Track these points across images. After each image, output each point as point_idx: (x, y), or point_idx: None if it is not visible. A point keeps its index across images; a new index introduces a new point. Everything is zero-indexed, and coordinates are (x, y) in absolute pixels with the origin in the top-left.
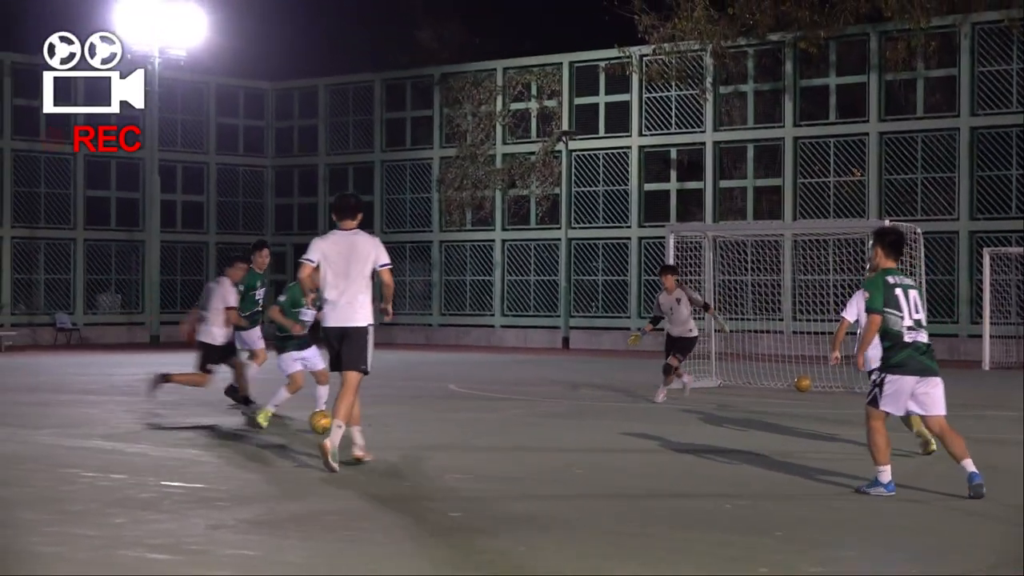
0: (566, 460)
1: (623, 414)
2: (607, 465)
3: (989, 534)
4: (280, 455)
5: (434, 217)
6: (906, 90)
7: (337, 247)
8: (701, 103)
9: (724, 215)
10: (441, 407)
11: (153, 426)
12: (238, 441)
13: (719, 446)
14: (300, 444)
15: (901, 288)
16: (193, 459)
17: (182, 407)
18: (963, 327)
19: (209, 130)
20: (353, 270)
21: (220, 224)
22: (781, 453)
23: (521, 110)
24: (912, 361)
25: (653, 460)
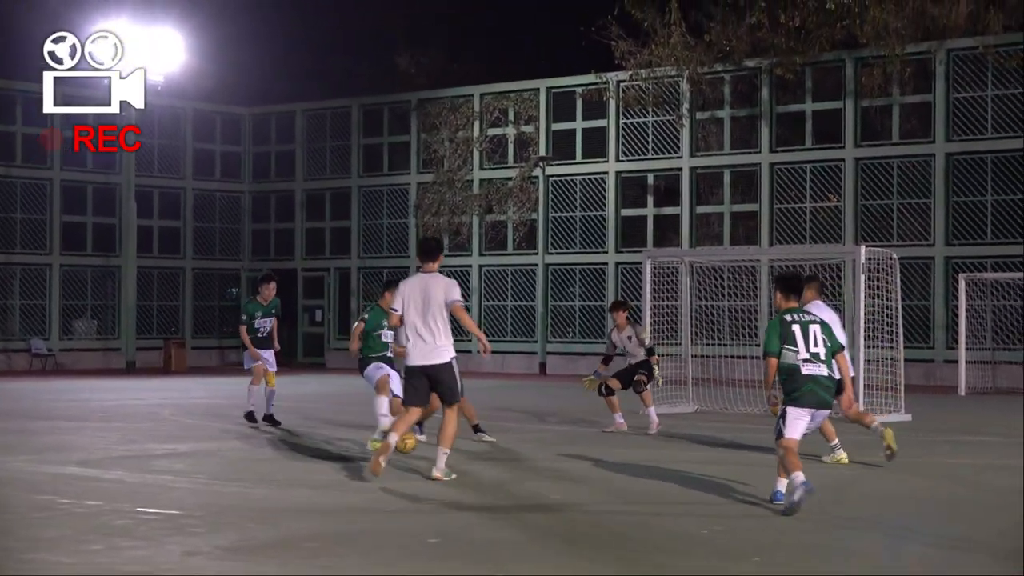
0: (542, 488)
1: (601, 440)
2: (583, 496)
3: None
4: (256, 481)
5: (411, 243)
6: (881, 116)
7: (415, 290)
8: (678, 129)
9: (701, 240)
10: None
11: (128, 452)
12: (214, 466)
13: (691, 471)
14: (277, 469)
15: (799, 324)
16: (168, 485)
17: (157, 433)
18: (939, 352)
19: (186, 155)
20: (431, 310)
21: (197, 250)
22: (746, 477)
23: (498, 136)
24: (810, 395)
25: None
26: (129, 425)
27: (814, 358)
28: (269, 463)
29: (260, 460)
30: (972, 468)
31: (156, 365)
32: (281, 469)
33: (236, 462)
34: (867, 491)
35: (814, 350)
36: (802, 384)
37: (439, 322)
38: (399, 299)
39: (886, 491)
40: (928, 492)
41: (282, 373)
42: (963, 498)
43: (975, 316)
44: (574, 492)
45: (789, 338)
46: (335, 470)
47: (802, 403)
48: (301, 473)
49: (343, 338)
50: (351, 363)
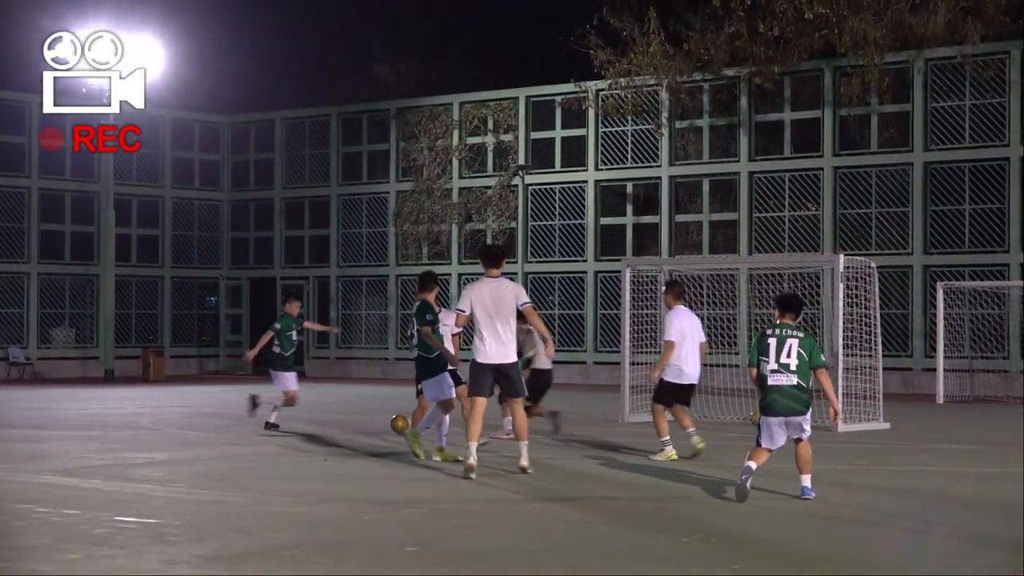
0: (523, 496)
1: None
2: (566, 505)
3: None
4: (235, 490)
5: (391, 251)
6: (860, 125)
7: (484, 294)
8: (657, 137)
9: (680, 249)
10: (394, 439)
11: (107, 461)
12: (193, 475)
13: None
14: (257, 478)
15: (776, 338)
16: (147, 494)
17: (135, 442)
18: (917, 361)
19: (165, 164)
20: (502, 313)
21: (175, 258)
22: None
23: (477, 144)
24: (775, 404)
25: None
26: (107, 434)
27: (783, 369)
28: (248, 472)
29: (239, 469)
30: (948, 475)
31: (135, 374)
32: (261, 478)
33: (215, 471)
34: (847, 499)
35: (784, 361)
36: (768, 394)
37: (510, 324)
38: (467, 301)
39: (856, 499)
40: (903, 501)
41: (260, 381)
42: (934, 507)
43: (953, 324)
44: (556, 502)
45: (764, 350)
46: (314, 479)
47: (769, 412)
48: (281, 482)
49: (323, 346)
50: (330, 371)
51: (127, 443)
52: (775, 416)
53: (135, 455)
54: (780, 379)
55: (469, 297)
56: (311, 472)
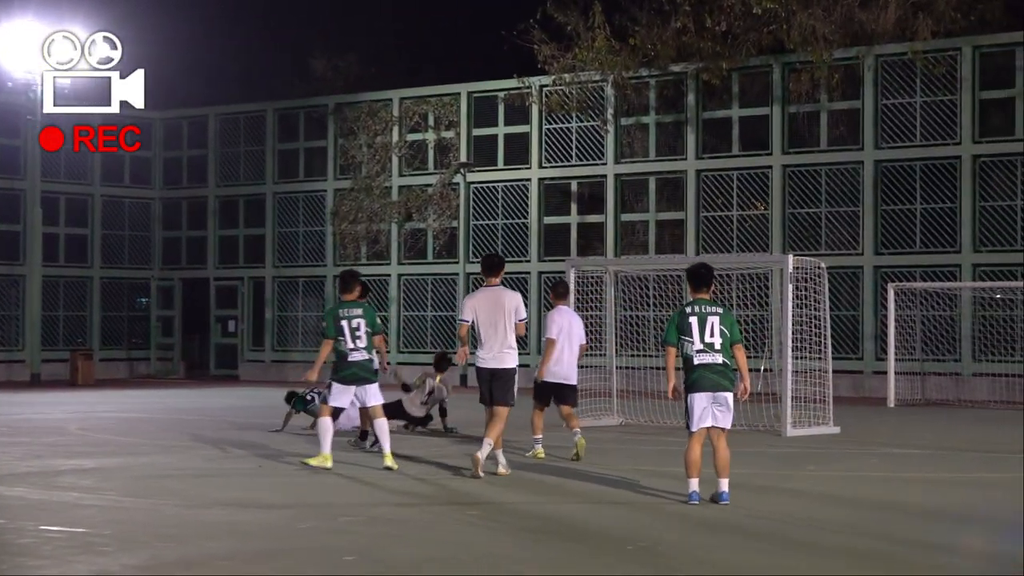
0: (461, 502)
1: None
2: (502, 512)
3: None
4: (166, 498)
5: (328, 251)
6: (809, 123)
7: (485, 301)
8: (602, 135)
9: (626, 249)
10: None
11: (33, 468)
12: (123, 482)
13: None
14: (189, 485)
15: (697, 316)
16: (75, 502)
17: (62, 448)
18: (868, 363)
19: (93, 160)
20: (499, 321)
21: (105, 258)
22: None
23: (418, 141)
24: (703, 379)
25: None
26: (33, 440)
27: (708, 348)
28: (181, 479)
29: (171, 476)
30: (900, 481)
31: (62, 378)
32: (193, 486)
33: (146, 478)
34: (789, 507)
35: (708, 340)
36: (694, 371)
37: (506, 332)
38: (469, 311)
39: (803, 508)
40: (849, 509)
41: (193, 385)
42: (885, 515)
43: (904, 326)
44: (494, 507)
45: (686, 329)
46: (248, 486)
47: (696, 388)
48: (214, 490)
49: (257, 349)
50: (265, 374)
51: (54, 449)
52: (702, 392)
53: (62, 462)
54: (706, 358)
55: (470, 306)
56: (245, 479)
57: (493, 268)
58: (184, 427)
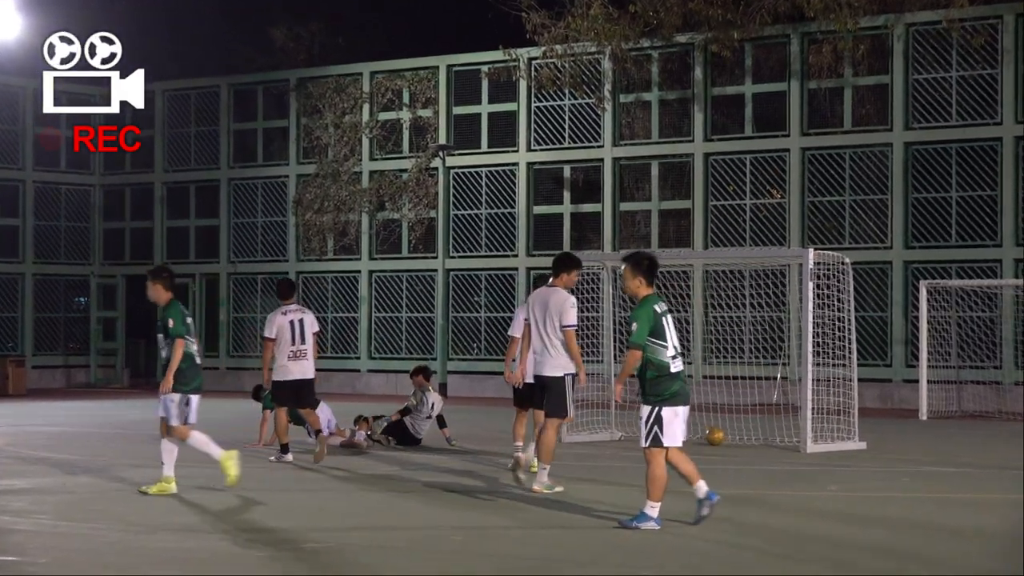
0: (423, 524)
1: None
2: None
3: None
4: (108, 522)
5: (290, 244)
6: (832, 100)
7: (536, 303)
8: (599, 113)
9: (625, 242)
10: (298, 463)
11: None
12: (59, 505)
13: None
14: (133, 509)
15: (664, 316)
16: (6, 527)
17: None
18: (897, 371)
19: (25, 142)
20: (547, 325)
21: (38, 252)
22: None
23: (391, 121)
24: (683, 391)
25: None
26: None
27: (678, 353)
28: (124, 502)
29: (113, 499)
30: (934, 503)
31: None
32: (137, 509)
33: (86, 501)
34: (814, 531)
35: (675, 343)
36: (675, 381)
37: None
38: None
39: (826, 531)
40: (882, 532)
41: (138, 396)
42: (918, 539)
43: (938, 329)
44: (477, 532)
45: (659, 332)
46: (201, 510)
47: (679, 401)
48: (161, 513)
49: (211, 355)
50: (220, 384)
51: None
52: (684, 406)
53: None
54: (680, 365)
55: (526, 305)
56: (197, 501)
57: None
58: (127, 443)
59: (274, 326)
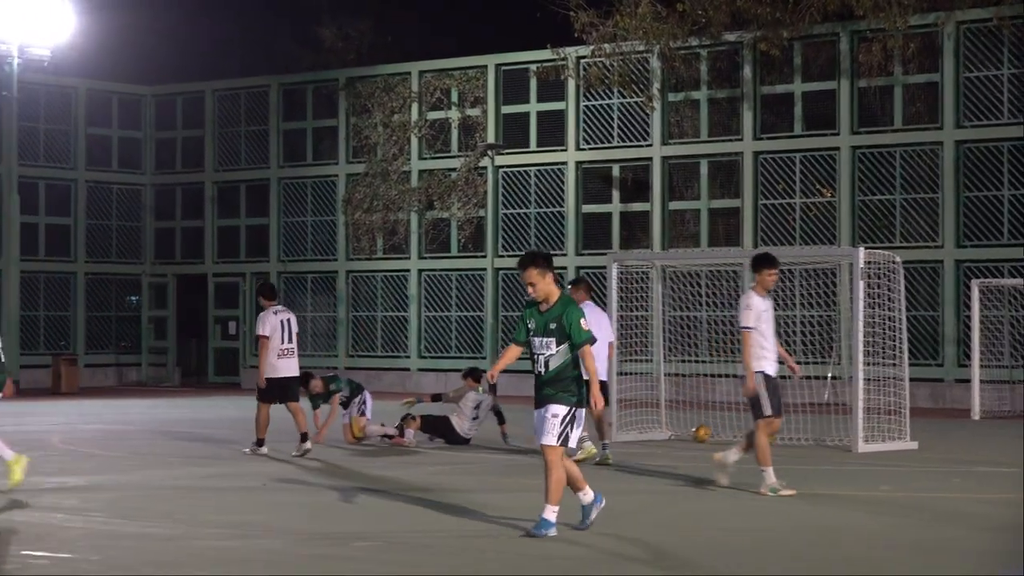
0: (490, 528)
1: None
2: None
3: None
4: (159, 520)
5: (340, 243)
6: (882, 99)
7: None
8: (647, 112)
9: (674, 241)
10: (347, 464)
11: (13, 487)
12: (111, 503)
13: None
14: (183, 506)
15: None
16: (59, 524)
17: (45, 464)
18: (949, 370)
19: (77, 142)
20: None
21: (90, 251)
22: None
23: (440, 120)
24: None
25: None
26: None
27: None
28: (174, 500)
29: (164, 496)
30: (985, 503)
31: (44, 385)
32: (187, 506)
33: (137, 498)
34: (859, 532)
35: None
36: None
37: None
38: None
39: (877, 533)
40: (931, 533)
41: (189, 394)
42: (971, 539)
43: (990, 328)
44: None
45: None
46: (250, 508)
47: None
48: (211, 512)
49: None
50: None
51: (35, 466)
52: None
53: (44, 480)
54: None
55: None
56: (247, 500)
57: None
58: (178, 441)
59: (268, 325)
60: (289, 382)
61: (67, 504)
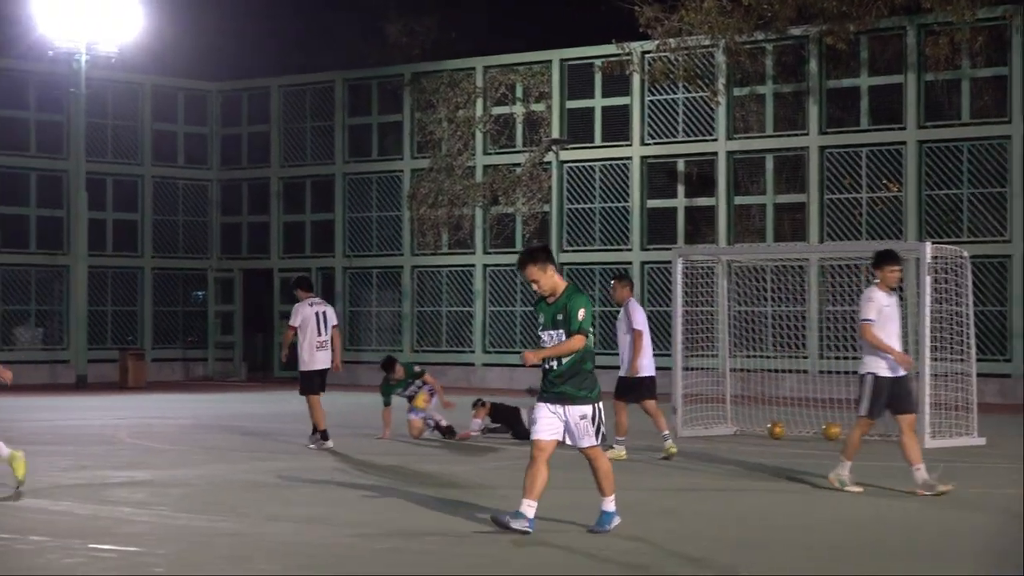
0: (557, 525)
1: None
2: None
3: None
4: (226, 514)
5: (405, 239)
6: (949, 92)
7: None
8: (712, 107)
9: (740, 236)
10: (413, 457)
11: (80, 480)
12: (178, 497)
13: None
14: (251, 500)
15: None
16: (126, 518)
17: (112, 458)
18: (1017, 366)
19: (144, 138)
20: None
21: (157, 247)
22: None
23: (505, 115)
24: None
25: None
26: (80, 449)
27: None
28: (242, 493)
29: (231, 491)
30: None
31: (111, 380)
32: (256, 500)
33: (204, 493)
34: (929, 527)
35: None
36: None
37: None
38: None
39: (948, 527)
40: (992, 528)
41: (255, 389)
42: None
43: None
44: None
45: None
46: (317, 502)
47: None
48: (279, 505)
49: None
50: (335, 378)
51: (103, 460)
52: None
53: (112, 474)
54: None
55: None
56: (313, 494)
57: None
58: (245, 436)
59: (299, 316)
60: (324, 373)
61: (134, 498)
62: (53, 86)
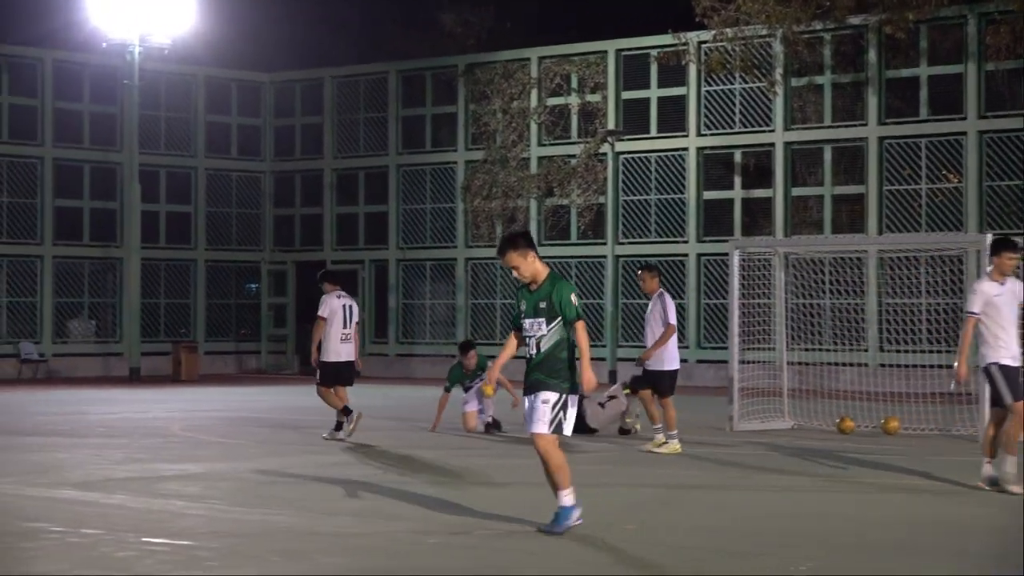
0: (608, 520)
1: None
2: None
3: None
4: (280, 507)
5: (459, 230)
6: (1010, 82)
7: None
8: (770, 97)
9: (797, 228)
10: (467, 452)
11: (133, 473)
12: (232, 491)
13: None
14: (306, 493)
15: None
16: (180, 512)
17: (165, 451)
18: None
19: (197, 130)
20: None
21: (210, 239)
22: None
23: (560, 106)
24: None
25: None
26: (133, 442)
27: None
28: (296, 487)
29: (284, 484)
30: None
31: (164, 372)
32: (310, 494)
33: (257, 485)
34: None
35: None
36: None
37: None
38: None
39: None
40: None
41: (308, 382)
42: None
43: None
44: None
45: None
46: (370, 496)
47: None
48: (332, 500)
49: (380, 341)
50: (389, 370)
51: (156, 453)
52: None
53: (165, 467)
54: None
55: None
56: (366, 489)
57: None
58: (298, 429)
59: (328, 307)
60: (348, 365)
61: (187, 491)
62: (107, 78)
